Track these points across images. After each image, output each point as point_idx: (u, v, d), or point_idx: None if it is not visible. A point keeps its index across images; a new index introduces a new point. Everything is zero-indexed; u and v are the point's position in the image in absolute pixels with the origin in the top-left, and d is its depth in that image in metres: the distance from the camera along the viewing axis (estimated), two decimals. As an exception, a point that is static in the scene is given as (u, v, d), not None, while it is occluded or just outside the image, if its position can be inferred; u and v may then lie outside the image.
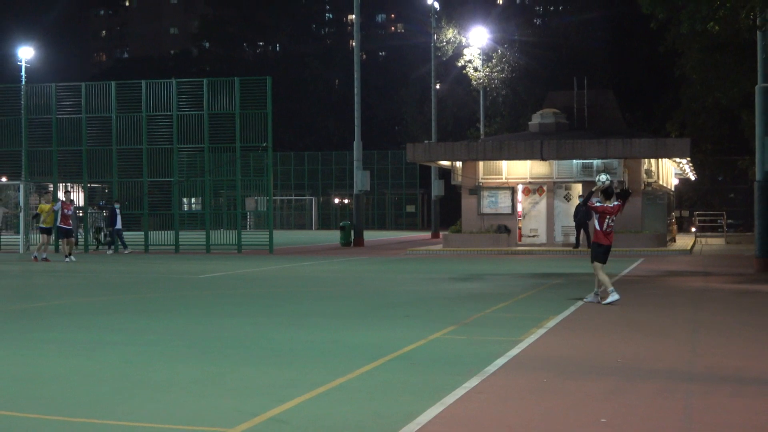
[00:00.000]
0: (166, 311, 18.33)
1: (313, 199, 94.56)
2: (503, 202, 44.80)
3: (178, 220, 44.15)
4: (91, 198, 46.87)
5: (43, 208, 35.87)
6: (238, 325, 15.92)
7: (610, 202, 19.05)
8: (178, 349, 13.28)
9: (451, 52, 68.20)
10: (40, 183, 47.63)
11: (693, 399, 9.82)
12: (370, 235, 59.53)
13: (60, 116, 44.93)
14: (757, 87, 29.58)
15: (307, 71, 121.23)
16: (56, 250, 40.95)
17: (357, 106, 49.88)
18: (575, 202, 42.30)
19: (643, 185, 43.93)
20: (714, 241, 55.11)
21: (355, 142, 49.67)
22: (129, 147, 44.24)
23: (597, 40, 70.40)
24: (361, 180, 48.72)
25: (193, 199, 52.99)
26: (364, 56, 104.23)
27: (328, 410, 9.23)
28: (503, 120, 69.56)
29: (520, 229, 44.90)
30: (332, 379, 10.72)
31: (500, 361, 11.90)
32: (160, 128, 44.05)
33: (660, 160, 47.70)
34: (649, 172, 45.11)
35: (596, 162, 43.34)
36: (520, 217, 45.03)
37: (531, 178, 44.88)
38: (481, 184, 45.19)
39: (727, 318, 17.07)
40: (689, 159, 50.33)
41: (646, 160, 44.31)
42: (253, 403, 9.48)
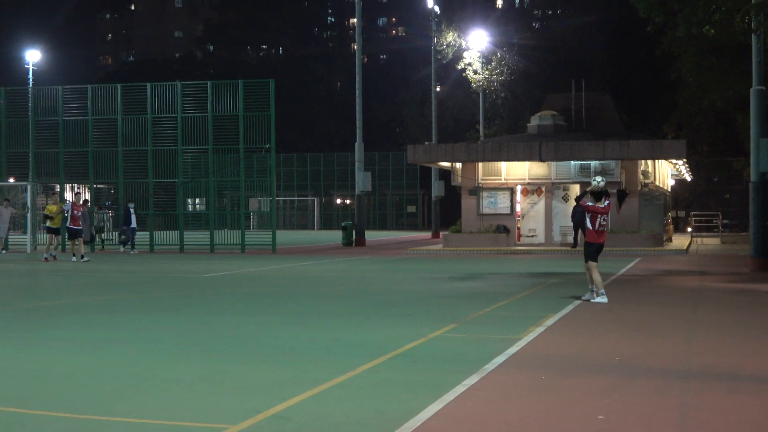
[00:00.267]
0: (170, 310, 18.32)
1: (316, 200, 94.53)
2: (502, 203, 44.78)
3: (182, 220, 44.15)
4: (97, 199, 46.83)
5: (50, 209, 35.85)
6: (242, 324, 15.91)
7: (601, 202, 19.01)
8: (182, 348, 13.27)
9: (451, 55, 68.20)
10: (47, 184, 47.64)
11: (689, 396, 9.81)
12: (371, 235, 59.51)
13: (66, 118, 44.93)
14: (752, 89, 29.58)
15: (310, 74, 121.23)
16: (63, 249, 40.96)
17: (358, 108, 49.89)
18: (573, 202, 42.24)
19: (640, 186, 43.90)
20: (710, 241, 55.11)
21: (356, 144, 49.66)
22: (134, 148, 44.25)
23: (595, 43, 70.31)
24: (363, 181, 48.72)
25: (198, 200, 52.95)
26: (366, 59, 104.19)
27: (331, 407, 9.23)
28: (502, 122, 69.55)
29: (519, 229, 44.88)
30: (334, 377, 10.72)
31: (499, 359, 11.89)
32: (165, 130, 44.04)
33: (656, 161, 47.71)
34: (645, 173, 45.11)
35: (594, 163, 43.32)
36: (519, 217, 45.01)
37: (530, 179, 44.87)
38: (481, 185, 45.18)
39: (723, 317, 17.05)
40: (685, 160, 50.35)
41: (643, 161, 44.30)
42: (257, 401, 9.48)
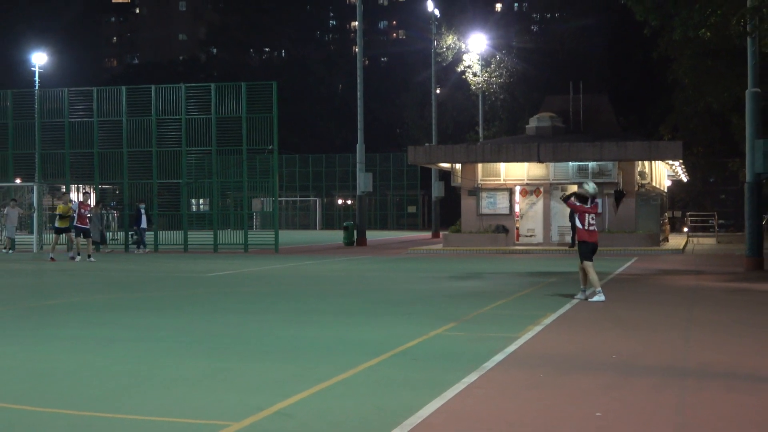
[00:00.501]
0: (173, 309, 18.32)
1: (318, 200, 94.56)
2: (501, 203, 44.77)
3: (186, 220, 44.15)
4: (103, 199, 46.81)
5: (61, 209, 35.83)
6: (245, 322, 15.90)
7: (587, 203, 19.10)
8: (185, 346, 13.26)
9: (450, 58, 68.26)
10: (53, 184, 47.68)
11: (686, 394, 9.80)
12: (372, 235, 59.50)
13: (72, 120, 44.93)
14: (748, 92, 29.56)
15: (312, 76, 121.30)
16: (68, 249, 40.96)
17: (360, 110, 49.89)
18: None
19: (637, 186, 43.89)
20: (705, 241, 55.09)
21: (358, 145, 49.66)
22: (139, 150, 44.25)
23: (592, 47, 70.34)
24: (364, 181, 48.72)
25: (201, 200, 52.96)
26: (367, 62, 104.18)
27: (332, 404, 9.22)
28: (501, 123, 69.59)
29: (517, 229, 44.86)
30: (336, 375, 10.71)
31: (498, 357, 11.88)
32: (170, 131, 44.04)
33: (653, 162, 47.69)
34: (642, 174, 45.11)
35: (591, 164, 43.32)
36: (518, 217, 44.99)
37: (528, 180, 44.85)
38: (480, 186, 45.17)
39: (719, 315, 17.03)
40: (681, 161, 50.35)
41: (640, 162, 44.29)
42: (259, 398, 9.47)
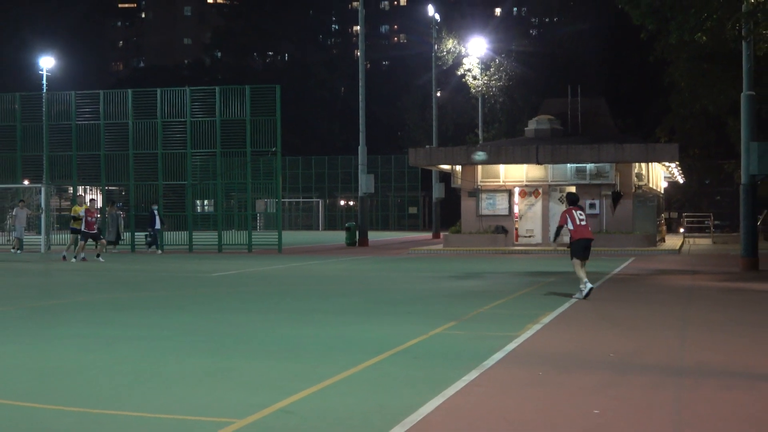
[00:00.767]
0: (178, 308, 18.31)
1: (320, 201, 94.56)
2: (501, 204, 44.78)
3: (191, 221, 44.16)
4: (109, 200, 46.81)
5: (76, 210, 35.77)
6: (248, 321, 15.89)
7: (576, 204, 19.85)
8: (189, 344, 13.24)
9: (451, 62, 68.27)
10: (60, 186, 47.69)
11: (682, 392, 9.78)
12: (374, 236, 59.50)
13: (79, 122, 44.95)
14: (743, 95, 29.54)
15: (314, 79, 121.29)
16: (67, 248, 40.93)
17: (362, 113, 49.86)
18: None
19: (634, 188, 43.89)
20: (701, 242, 55.06)
21: (360, 147, 49.62)
22: (145, 152, 44.27)
23: (590, 50, 70.34)
24: (366, 183, 48.69)
25: (206, 201, 52.93)
26: (369, 65, 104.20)
27: (334, 402, 9.21)
28: (501, 126, 69.60)
29: (516, 229, 44.87)
30: (337, 373, 10.69)
31: (498, 356, 11.86)
32: (175, 134, 44.07)
33: (650, 164, 47.69)
34: (639, 176, 45.11)
35: (589, 166, 43.34)
36: (517, 218, 45.00)
37: (527, 182, 44.87)
38: (480, 187, 45.18)
39: (715, 314, 17.02)
40: (678, 163, 50.34)
41: (637, 164, 44.29)
42: (262, 396, 9.45)
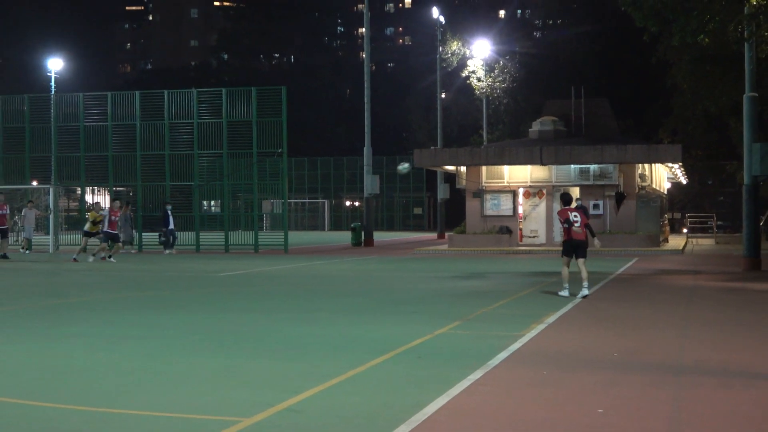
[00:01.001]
0: (185, 307, 18.30)
1: (326, 202, 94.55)
2: (505, 205, 44.79)
3: (198, 221, 44.18)
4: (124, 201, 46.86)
5: (93, 215, 35.71)
6: (254, 321, 15.90)
7: (570, 204, 20.13)
8: (195, 343, 13.26)
9: (455, 64, 68.16)
10: (68, 186, 47.72)
11: (683, 390, 9.78)
12: (379, 236, 59.51)
13: (87, 124, 44.98)
14: (745, 96, 29.51)
15: (320, 81, 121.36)
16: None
17: (367, 114, 49.84)
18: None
19: (637, 189, 43.86)
20: (704, 242, 55.00)
21: (365, 148, 49.60)
22: (152, 153, 44.29)
23: (592, 52, 70.28)
24: (371, 184, 48.68)
25: (213, 202, 53.03)
26: (374, 67, 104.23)
27: (340, 401, 9.21)
28: (505, 127, 69.53)
29: (521, 230, 44.86)
30: (343, 372, 10.69)
31: (502, 355, 11.86)
32: (182, 135, 44.09)
33: (653, 164, 47.65)
34: (642, 177, 45.07)
35: (593, 167, 43.34)
36: (521, 218, 44.99)
37: (531, 182, 44.87)
38: (484, 188, 45.18)
39: (717, 314, 17.01)
40: (681, 164, 50.29)
41: (640, 165, 44.27)
42: (268, 394, 9.45)
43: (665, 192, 60.08)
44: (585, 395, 9.51)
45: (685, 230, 65.35)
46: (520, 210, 45.00)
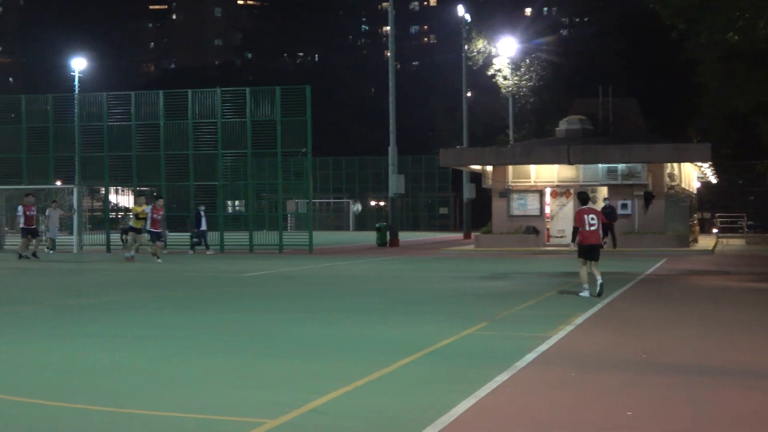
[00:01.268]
0: (207, 307, 18.32)
1: (351, 202, 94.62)
2: (532, 205, 44.70)
3: (222, 221, 44.27)
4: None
5: (137, 210, 35.79)
6: (277, 321, 15.91)
7: (586, 204, 19.92)
8: (217, 343, 13.28)
9: (481, 62, 68.17)
10: (92, 186, 47.90)
11: (709, 392, 9.74)
12: (404, 236, 59.46)
13: (111, 123, 45.11)
14: (775, 94, 29.36)
15: (344, 80, 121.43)
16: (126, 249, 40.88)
17: (392, 113, 49.77)
18: (601, 203, 42.14)
19: (666, 188, 43.69)
20: (734, 242, 54.69)
21: (390, 148, 49.53)
22: (176, 152, 44.36)
23: (619, 50, 70.09)
24: (396, 183, 48.62)
25: (237, 202, 53.11)
26: (398, 66, 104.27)
27: (365, 402, 9.20)
28: (531, 126, 69.46)
29: (548, 230, 44.77)
30: (369, 373, 10.68)
31: (530, 357, 11.83)
32: (206, 135, 44.16)
33: (682, 164, 47.44)
34: (672, 176, 44.88)
35: (620, 166, 43.18)
36: (548, 218, 44.90)
37: (558, 182, 44.77)
38: (511, 188, 45.10)
39: (745, 315, 16.93)
40: (711, 163, 50.05)
41: (669, 164, 44.09)
42: (292, 395, 9.45)
43: (695, 191, 59.80)
44: (613, 397, 9.48)
45: (715, 230, 65.02)
46: (547, 210, 44.91)
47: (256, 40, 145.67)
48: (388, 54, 52.60)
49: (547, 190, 44.89)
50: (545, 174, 44.98)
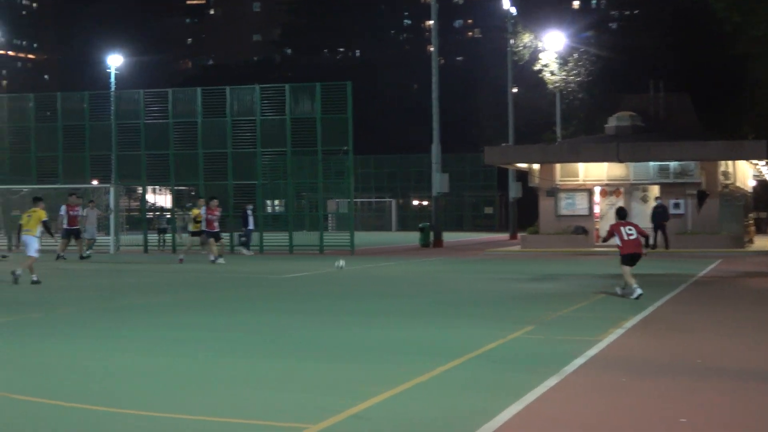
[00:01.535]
0: (246, 309, 18.41)
1: (393, 201, 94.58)
2: (580, 204, 44.51)
3: (262, 221, 44.37)
4: (178, 200, 47.26)
5: (195, 212, 36.00)
6: (319, 323, 15.93)
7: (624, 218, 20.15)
8: (257, 346, 13.34)
9: (527, 57, 67.84)
10: (129, 186, 48.18)
11: (767, 398, 9.66)
12: (448, 237, 59.32)
13: (148, 121, 45.32)
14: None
15: (386, 76, 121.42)
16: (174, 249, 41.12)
17: (435, 110, 49.74)
18: (653, 203, 41.91)
19: (720, 187, 43.35)
20: (791, 243, 54.21)
21: (433, 145, 49.48)
22: (214, 151, 44.50)
23: (670, 44, 69.63)
24: (440, 182, 48.55)
25: (276, 202, 53.22)
26: (442, 61, 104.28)
27: (408, 407, 9.19)
28: (579, 123, 69.11)
29: (597, 230, 44.52)
30: (413, 377, 10.66)
31: (579, 361, 11.77)
32: (244, 133, 44.27)
33: (736, 161, 47.04)
34: (726, 174, 44.53)
35: (672, 164, 42.89)
36: (598, 218, 44.66)
37: (608, 180, 44.54)
38: (559, 186, 44.92)
39: (806, 318, 16.78)
40: (766, 161, 49.61)
41: (723, 162, 43.74)
42: (333, 400, 9.46)
43: (750, 190, 59.30)
44: (666, 403, 9.41)
45: (770, 230, 64.47)
46: (597, 209, 44.69)
47: (296, 36, 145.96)
48: (431, 49, 52.53)
49: (597, 189, 44.68)
50: (594, 172, 44.76)
